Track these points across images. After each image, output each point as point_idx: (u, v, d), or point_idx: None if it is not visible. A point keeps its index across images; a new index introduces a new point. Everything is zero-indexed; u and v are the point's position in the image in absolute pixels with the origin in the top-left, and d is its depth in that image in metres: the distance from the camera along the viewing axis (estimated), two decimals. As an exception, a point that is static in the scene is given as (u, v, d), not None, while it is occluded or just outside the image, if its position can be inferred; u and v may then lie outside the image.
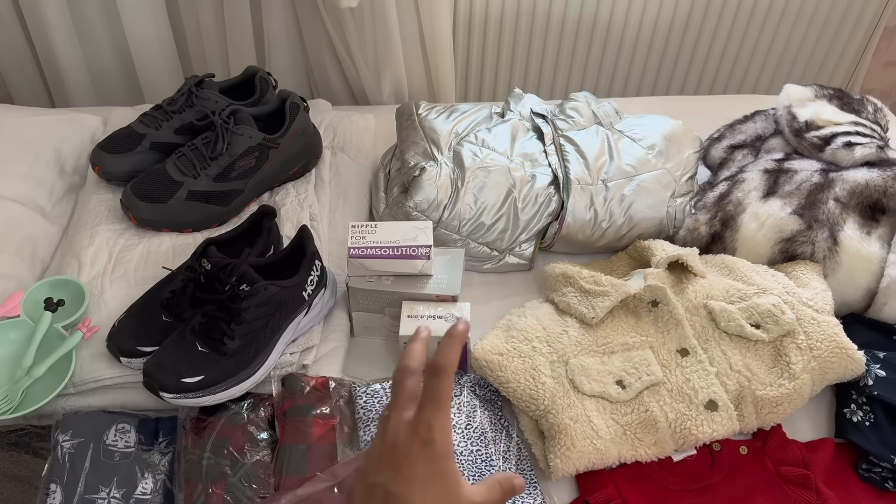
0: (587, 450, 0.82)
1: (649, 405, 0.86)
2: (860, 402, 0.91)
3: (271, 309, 0.88)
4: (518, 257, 1.07)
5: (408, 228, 0.94)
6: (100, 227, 1.05)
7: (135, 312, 0.91)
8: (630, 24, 1.67)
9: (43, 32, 1.42)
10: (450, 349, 0.51)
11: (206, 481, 0.78)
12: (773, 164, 1.10)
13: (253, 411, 0.86)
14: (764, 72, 1.78)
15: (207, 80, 1.14)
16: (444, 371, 0.51)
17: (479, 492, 0.53)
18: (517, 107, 1.21)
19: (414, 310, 0.92)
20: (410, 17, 1.43)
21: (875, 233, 1.03)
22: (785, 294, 0.95)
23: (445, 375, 0.51)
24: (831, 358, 0.89)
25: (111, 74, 1.54)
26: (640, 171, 1.11)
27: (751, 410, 0.88)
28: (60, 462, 0.79)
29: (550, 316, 0.96)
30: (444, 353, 0.51)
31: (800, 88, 1.22)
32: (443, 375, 0.51)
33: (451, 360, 0.51)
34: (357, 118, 1.30)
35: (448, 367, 0.51)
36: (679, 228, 1.08)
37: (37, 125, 1.20)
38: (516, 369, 0.87)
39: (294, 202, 1.11)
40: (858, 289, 1.00)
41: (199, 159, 1.06)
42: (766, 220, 1.02)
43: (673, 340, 0.92)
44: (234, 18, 1.42)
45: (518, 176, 1.07)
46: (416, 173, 1.06)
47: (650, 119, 1.20)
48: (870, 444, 0.87)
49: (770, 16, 1.67)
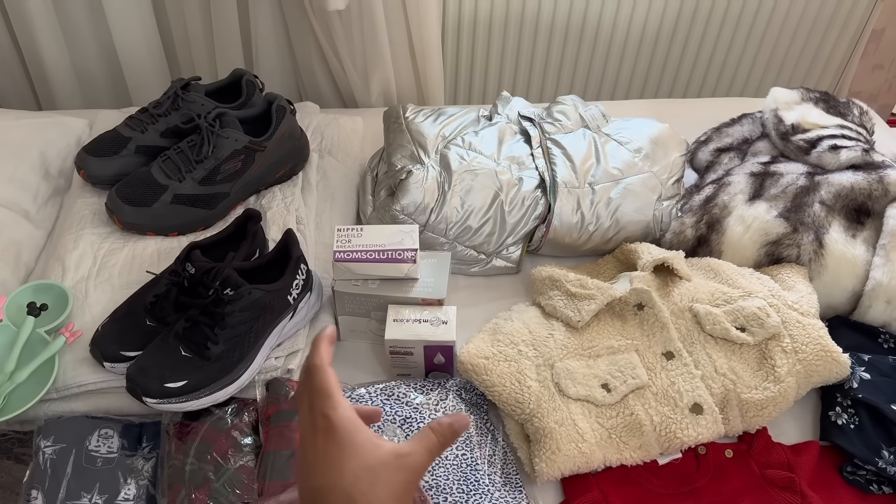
0: (572, 453, 0.82)
1: (634, 408, 0.86)
2: (845, 404, 0.91)
3: (256, 313, 0.87)
4: (505, 260, 1.08)
5: (394, 232, 0.94)
6: (84, 231, 1.05)
7: (118, 317, 0.91)
8: (618, 28, 1.67)
9: (29, 34, 1.42)
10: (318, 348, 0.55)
11: (190, 487, 0.78)
12: (760, 167, 1.11)
13: (237, 416, 0.86)
14: (752, 75, 1.80)
15: (193, 82, 1.14)
16: (318, 368, 0.54)
17: (406, 443, 0.54)
18: (505, 110, 1.22)
19: (400, 313, 0.92)
20: (398, 20, 1.43)
21: (860, 236, 1.03)
22: (770, 297, 0.95)
23: (319, 371, 0.54)
24: (816, 361, 0.90)
25: (98, 77, 1.53)
26: (627, 174, 1.11)
27: (736, 413, 0.88)
28: (42, 468, 0.78)
29: (537, 319, 0.96)
30: (314, 353, 0.54)
31: (786, 92, 1.22)
32: (317, 372, 0.54)
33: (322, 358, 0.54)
34: (345, 121, 1.30)
35: (320, 364, 0.54)
36: (665, 231, 1.08)
37: (22, 128, 1.19)
38: (502, 373, 0.87)
39: (280, 205, 1.11)
40: (844, 291, 1.00)
41: (184, 162, 1.06)
42: (752, 224, 1.03)
43: (658, 344, 0.92)
44: (222, 21, 1.42)
45: (505, 179, 1.07)
46: (402, 176, 1.06)
47: (637, 122, 1.20)
48: (854, 447, 0.87)
49: (758, 19, 1.68)
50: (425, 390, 0.89)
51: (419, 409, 0.87)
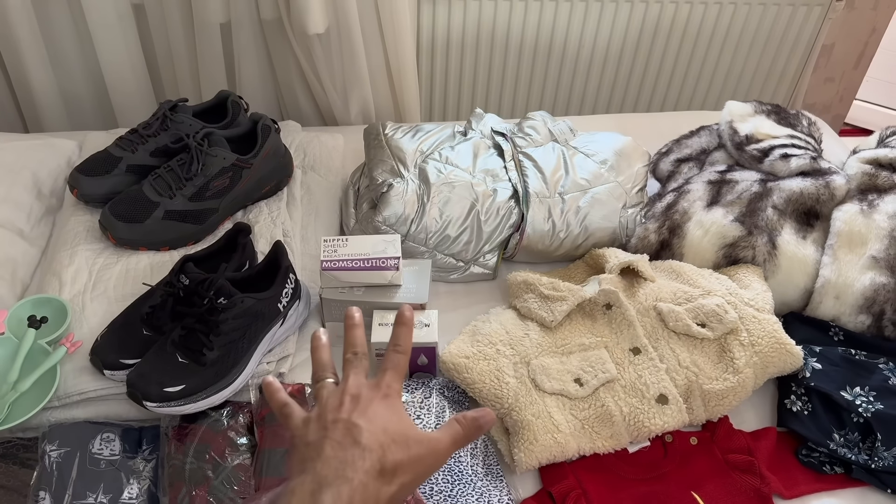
0: (549, 444, 0.88)
1: (605, 401, 0.92)
2: (799, 392, 0.98)
3: (248, 321, 0.92)
4: (482, 267, 1.13)
5: (377, 241, 1.00)
6: (79, 247, 1.08)
7: (116, 327, 0.95)
8: (584, 47, 1.74)
9: (16, 58, 1.45)
10: (406, 334, 0.63)
11: (190, 485, 0.82)
12: (717, 175, 1.18)
13: (232, 418, 0.90)
14: (711, 89, 1.86)
15: (181, 104, 1.18)
16: (405, 351, 0.63)
17: (437, 431, 0.59)
18: (478, 126, 1.28)
19: (385, 318, 0.97)
20: (375, 42, 1.49)
21: (810, 237, 1.10)
22: (728, 295, 1.01)
23: (405, 353, 0.63)
24: (771, 353, 0.96)
25: (84, 99, 1.56)
26: (594, 184, 1.17)
27: (699, 403, 0.94)
28: (48, 470, 0.82)
29: (513, 321, 1.02)
30: (403, 337, 0.63)
31: (741, 105, 1.30)
32: (404, 353, 0.62)
33: (409, 342, 0.63)
34: (326, 138, 1.35)
35: (408, 348, 0.63)
36: (631, 237, 1.14)
37: (14, 150, 1.23)
38: (482, 371, 0.93)
39: (267, 219, 1.16)
40: (796, 289, 1.07)
41: (174, 180, 1.10)
42: (710, 228, 1.09)
43: (626, 340, 0.98)
44: (205, 44, 1.46)
45: (480, 191, 1.13)
46: (384, 190, 1.11)
47: (602, 136, 1.27)
48: (808, 432, 0.93)
49: (714, 37, 1.75)
50: (410, 389, 0.94)
51: (405, 407, 0.92)
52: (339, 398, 0.58)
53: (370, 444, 0.54)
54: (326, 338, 0.64)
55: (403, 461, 0.55)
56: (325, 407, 0.58)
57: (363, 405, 0.57)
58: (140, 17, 1.47)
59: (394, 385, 0.60)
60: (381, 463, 0.54)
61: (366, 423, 0.55)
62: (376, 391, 0.59)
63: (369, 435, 0.55)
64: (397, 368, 0.61)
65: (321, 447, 0.54)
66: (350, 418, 0.56)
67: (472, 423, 0.60)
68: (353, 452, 0.53)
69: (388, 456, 0.54)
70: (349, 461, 0.53)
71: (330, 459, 0.53)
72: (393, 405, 0.58)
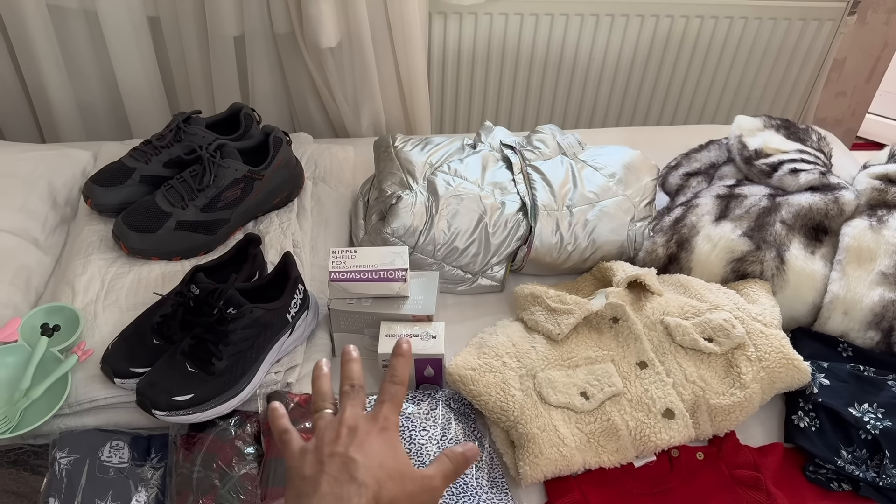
0: (554, 457, 0.88)
1: (611, 414, 0.92)
2: (807, 408, 0.97)
3: (257, 330, 0.93)
4: (490, 279, 1.14)
5: (385, 253, 1.00)
6: (92, 257, 1.10)
7: (127, 336, 0.96)
8: (594, 60, 1.75)
9: (34, 68, 1.47)
10: (403, 366, 0.64)
11: (197, 493, 0.83)
12: (725, 189, 1.18)
13: (240, 427, 0.91)
14: (721, 103, 1.86)
15: (194, 116, 1.20)
16: (402, 382, 0.63)
17: (429, 468, 0.60)
18: (488, 139, 1.29)
19: (392, 329, 0.98)
20: (387, 55, 1.50)
21: (819, 252, 1.10)
22: (736, 310, 1.01)
23: (402, 385, 0.63)
24: (779, 368, 0.96)
25: (100, 110, 1.59)
26: (602, 197, 1.18)
27: (705, 418, 0.94)
28: (58, 477, 0.83)
29: (520, 333, 1.02)
30: (402, 369, 0.64)
31: (750, 119, 1.30)
32: (401, 384, 0.63)
33: (406, 373, 0.64)
34: (337, 150, 1.36)
35: (405, 379, 0.64)
36: (639, 250, 1.15)
37: (30, 160, 1.25)
38: (488, 383, 0.93)
39: (277, 230, 1.17)
40: (804, 304, 1.07)
41: (187, 191, 1.12)
42: (719, 242, 1.10)
43: (632, 354, 0.98)
44: (219, 57, 1.48)
45: (489, 203, 1.14)
46: (393, 202, 1.12)
47: (611, 149, 1.27)
48: (816, 448, 0.93)
49: (725, 51, 1.76)
50: (416, 401, 0.95)
51: (411, 418, 0.93)
52: (336, 430, 0.59)
53: (366, 479, 0.55)
54: (328, 368, 0.65)
55: (398, 498, 0.56)
56: (322, 439, 0.59)
57: (360, 438, 0.58)
58: (155, 29, 1.50)
59: (391, 417, 0.61)
60: (377, 499, 0.55)
61: (362, 457, 0.56)
62: (373, 424, 0.60)
63: (366, 470, 0.56)
64: (394, 400, 0.62)
65: (318, 482, 0.55)
66: (347, 452, 0.56)
67: (460, 458, 0.62)
68: (350, 489, 0.54)
69: (384, 492, 0.55)
70: (345, 497, 0.54)
71: (326, 496, 0.54)
72: (389, 439, 0.59)
